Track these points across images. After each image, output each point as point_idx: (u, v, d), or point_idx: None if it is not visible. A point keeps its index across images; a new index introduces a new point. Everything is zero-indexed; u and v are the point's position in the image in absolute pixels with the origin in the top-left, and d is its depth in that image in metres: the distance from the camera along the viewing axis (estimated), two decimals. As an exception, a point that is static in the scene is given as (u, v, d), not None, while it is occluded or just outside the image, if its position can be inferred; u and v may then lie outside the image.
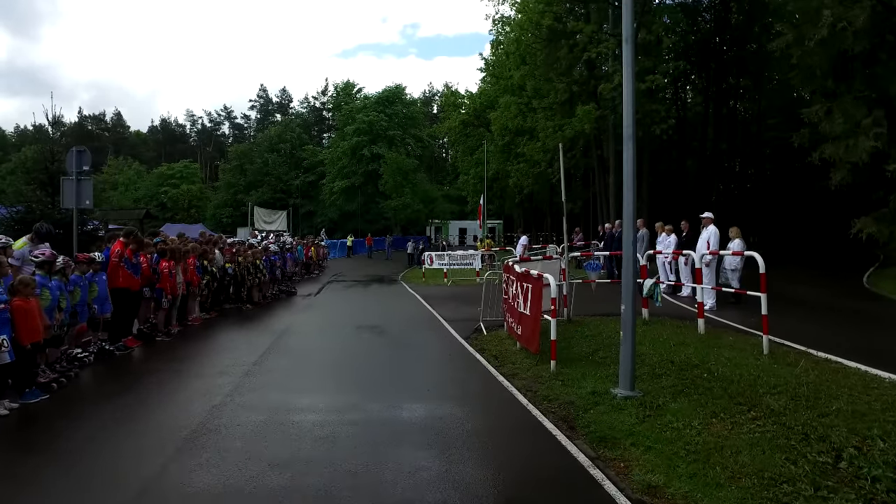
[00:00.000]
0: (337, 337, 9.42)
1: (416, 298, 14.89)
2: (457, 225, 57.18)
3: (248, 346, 8.42)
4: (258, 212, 27.58)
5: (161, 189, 75.10)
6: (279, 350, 8.20)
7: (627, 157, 5.74)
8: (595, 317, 10.41)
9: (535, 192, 35.54)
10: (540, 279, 6.91)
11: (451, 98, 42.91)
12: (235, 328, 10.49)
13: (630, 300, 5.75)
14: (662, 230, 13.37)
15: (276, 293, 15.46)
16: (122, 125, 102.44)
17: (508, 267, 8.64)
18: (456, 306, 12.93)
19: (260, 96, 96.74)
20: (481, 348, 8.27)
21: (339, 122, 66.97)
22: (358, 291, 17.79)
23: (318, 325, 10.77)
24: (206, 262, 11.16)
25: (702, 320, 8.17)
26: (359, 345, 8.71)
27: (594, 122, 20.49)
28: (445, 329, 9.95)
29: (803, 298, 12.60)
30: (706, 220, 10.72)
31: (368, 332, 9.93)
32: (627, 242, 5.80)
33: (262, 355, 7.73)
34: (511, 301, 8.40)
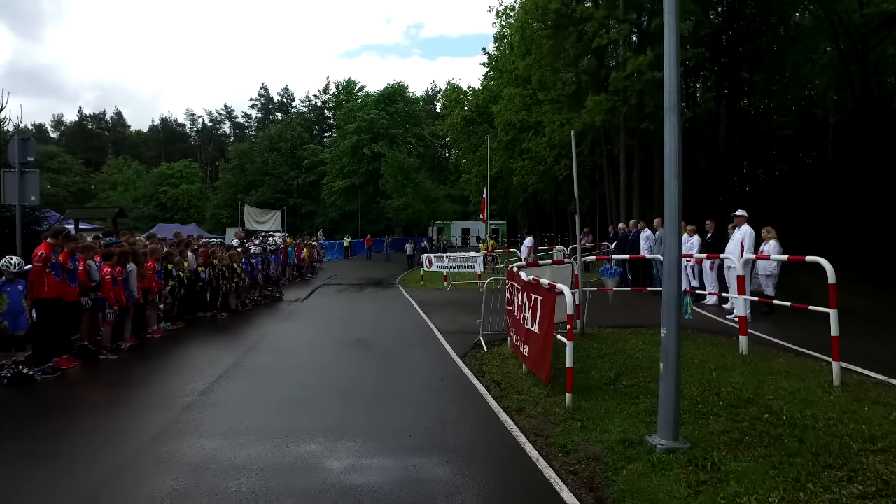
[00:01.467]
0: (313, 355, 8.10)
1: (411, 305, 13.58)
2: (459, 225, 55.92)
3: (205, 367, 7.12)
4: (249, 211, 26.31)
5: (160, 189, 74.16)
6: (239, 372, 6.89)
7: (671, 133, 4.38)
8: (612, 329, 9.12)
9: (539, 192, 34.17)
10: (552, 290, 5.60)
11: (453, 94, 41.52)
12: (199, 342, 9.20)
13: (673, 322, 4.45)
14: (684, 230, 12.01)
15: (258, 299, 14.19)
16: (123, 124, 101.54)
17: (513, 274, 7.32)
18: (454, 315, 11.64)
19: (261, 95, 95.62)
20: (480, 370, 6.96)
21: (340, 121, 65.78)
22: (349, 297, 16.49)
23: (294, 339, 9.47)
24: (171, 266, 9.87)
25: (744, 338, 6.83)
26: (336, 366, 7.39)
27: (605, 113, 19.13)
28: (440, 344, 8.64)
29: (851, 308, 11.18)
30: (739, 218, 9.35)
31: (351, 348, 8.62)
32: (672, 245, 4.44)
33: (216, 381, 6.43)
34: (516, 314, 7.09)
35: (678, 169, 4.34)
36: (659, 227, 13.19)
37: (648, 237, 13.52)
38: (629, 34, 19.33)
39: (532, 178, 27.62)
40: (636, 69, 17.58)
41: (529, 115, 26.02)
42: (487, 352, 8.03)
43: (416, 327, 10.32)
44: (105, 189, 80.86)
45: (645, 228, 13.73)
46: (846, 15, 33.06)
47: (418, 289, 17.95)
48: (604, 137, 24.07)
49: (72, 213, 15.46)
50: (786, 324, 8.73)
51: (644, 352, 7.37)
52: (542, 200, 40.84)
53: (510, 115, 27.35)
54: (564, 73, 21.11)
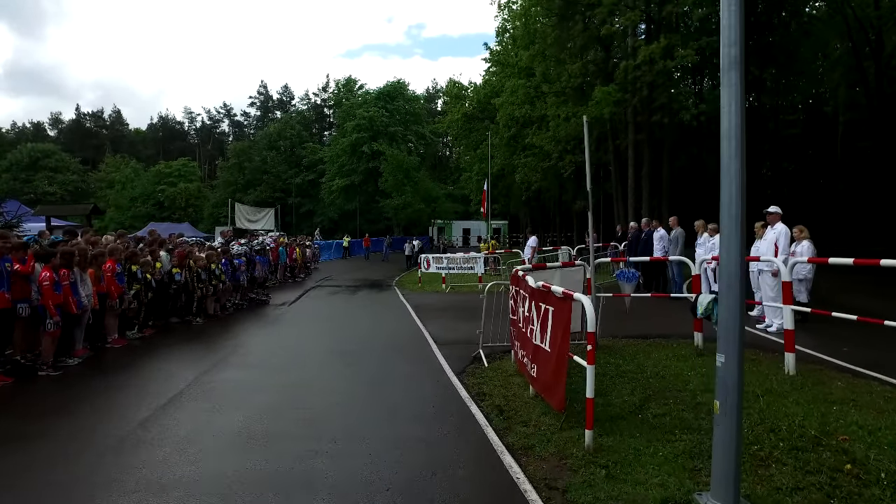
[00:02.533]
0: (287, 371, 7.05)
1: (406, 310, 12.54)
2: (460, 225, 54.88)
3: (157, 387, 6.11)
4: (240, 209, 25.24)
5: (158, 188, 73.27)
6: (195, 394, 5.87)
7: (732, 98, 3.34)
8: (628, 340, 8.09)
9: (543, 190, 33.09)
10: (567, 300, 4.57)
11: (454, 89, 40.43)
12: (163, 353, 8.15)
13: (734, 349, 3.39)
14: (704, 229, 10.98)
15: (241, 303, 13.18)
16: (121, 122, 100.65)
17: (518, 278, 6.29)
18: (452, 322, 10.61)
19: (260, 93, 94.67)
20: (480, 392, 5.93)
21: (339, 119, 64.80)
22: (341, 300, 15.45)
23: (271, 350, 8.43)
24: (136, 267, 8.85)
25: (791, 355, 5.77)
26: (310, 386, 6.35)
27: (613, 105, 18.05)
28: (435, 358, 7.60)
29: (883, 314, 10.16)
30: (772, 216, 8.28)
31: (332, 362, 7.60)
32: (734, 246, 3.40)
33: (165, 405, 5.41)
34: (521, 325, 6.05)
35: (740, 147, 3.31)
36: (674, 226, 12.18)
37: (662, 237, 12.48)
38: (639, 21, 18.23)
39: (535, 175, 26.52)
40: (647, 57, 16.52)
41: (533, 109, 24.93)
42: (488, 367, 7.01)
43: (409, 337, 9.28)
44: (102, 188, 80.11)
45: (658, 228, 12.69)
46: (860, 9, 32.06)
47: (415, 291, 16.93)
48: (610, 133, 23.00)
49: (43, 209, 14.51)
50: (825, 334, 7.69)
51: (670, 369, 6.34)
52: (544, 199, 39.78)
53: (513, 109, 26.23)
54: (570, 64, 20.03)
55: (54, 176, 74.85)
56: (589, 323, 4.10)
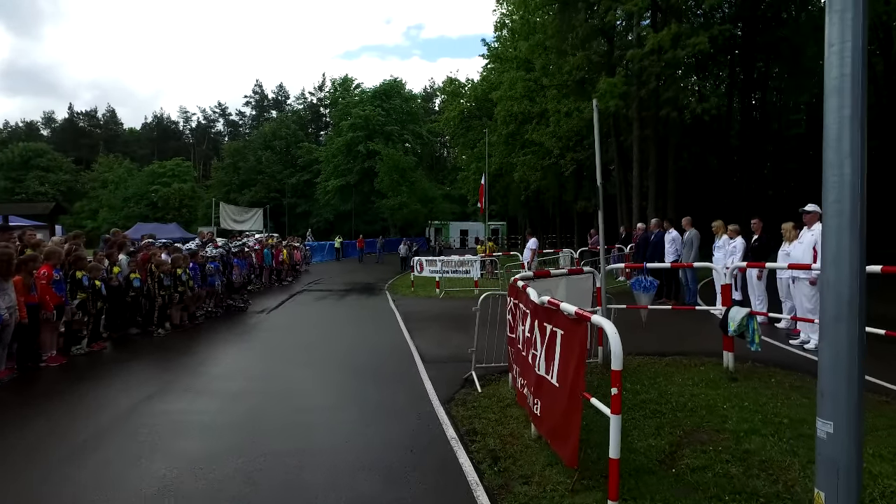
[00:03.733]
0: (241, 398, 5.93)
1: (394, 319, 11.46)
2: (458, 226, 53.80)
3: (72, 424, 5.03)
4: (226, 209, 24.08)
5: (151, 188, 72.17)
6: (111, 438, 4.76)
7: (848, 32, 2.25)
8: (643, 357, 7.03)
9: (542, 189, 32.03)
10: (583, 322, 3.50)
11: (450, 86, 39.32)
12: (105, 374, 7.05)
13: (851, 412, 2.29)
14: (722, 231, 9.92)
15: (215, 310, 12.09)
16: (116, 122, 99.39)
17: (517, 290, 5.21)
18: (443, 333, 9.55)
19: (256, 92, 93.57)
20: (471, 429, 4.85)
21: (335, 118, 63.74)
22: (326, 307, 14.36)
23: (231, 370, 7.33)
24: (81, 273, 7.76)
25: (857, 387, 4.70)
26: (261, 422, 5.23)
27: (619, 98, 16.98)
28: (419, 380, 6.52)
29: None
30: (810, 215, 7.19)
31: (297, 387, 6.52)
32: (850, 259, 2.33)
33: (66, 458, 4.32)
34: (521, 346, 4.98)
35: (859, 108, 2.23)
36: (688, 227, 11.12)
37: (674, 239, 11.43)
38: (646, 8, 17.14)
39: (534, 173, 25.43)
40: (656, 46, 15.45)
41: (532, 105, 23.84)
42: (481, 393, 5.94)
43: (393, 352, 8.19)
44: (95, 188, 78.99)
45: (670, 229, 11.62)
46: (871, 5, 31.05)
47: (407, 296, 15.85)
48: (614, 130, 21.95)
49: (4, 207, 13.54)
50: (886, 355, 6.61)
51: (700, 399, 5.26)
52: (544, 199, 38.74)
53: (511, 104, 25.12)
54: (571, 55, 18.96)
55: (46, 175, 73.79)
56: (614, 358, 3.03)
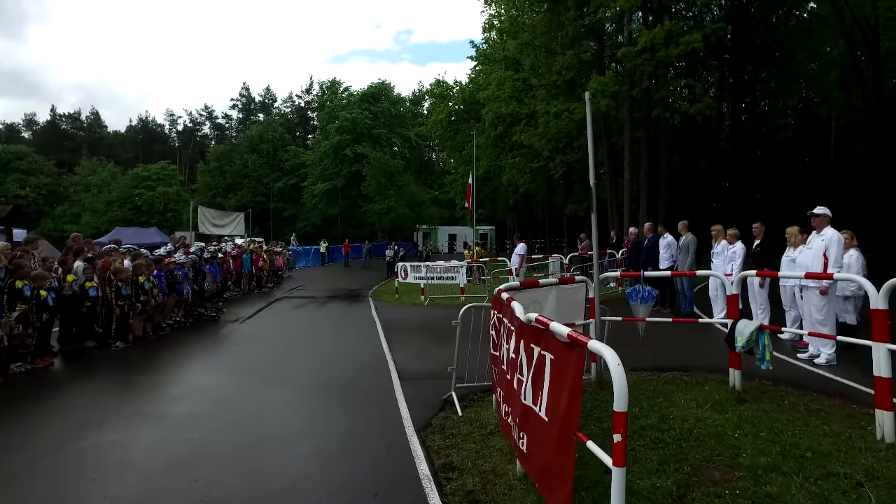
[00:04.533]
0: (189, 425, 5.26)
1: (374, 329, 10.83)
2: (446, 231, 53.19)
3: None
4: (204, 213, 23.21)
5: (136, 191, 70.92)
6: (27, 476, 4.10)
7: None
8: (640, 373, 6.48)
9: (531, 193, 31.48)
10: (577, 347, 2.88)
11: (438, 89, 38.73)
12: (39, 396, 6.33)
13: None
14: (721, 236, 9.38)
15: (185, 320, 11.38)
16: (100, 125, 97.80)
17: (501, 303, 4.59)
18: (426, 345, 8.94)
19: (242, 95, 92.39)
20: (447, 463, 4.23)
21: (322, 121, 63.02)
22: (304, 315, 13.67)
23: (187, 390, 6.63)
24: (22, 283, 7.04)
25: (889, 414, 4.09)
26: (214, 453, 4.60)
27: (610, 98, 16.46)
28: (394, 401, 5.89)
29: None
30: (820, 219, 6.64)
31: (260, 409, 5.86)
32: None
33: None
34: (505, 368, 4.35)
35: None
36: (685, 231, 10.58)
37: (670, 244, 10.88)
38: (638, 7, 16.64)
39: (523, 176, 24.86)
40: (649, 43, 14.96)
41: (521, 106, 23.28)
42: (462, 417, 5.32)
43: (369, 368, 7.54)
44: (78, 191, 77.58)
45: (665, 234, 11.08)
46: (857, 9, 31.02)
47: (391, 304, 15.22)
48: (605, 132, 21.46)
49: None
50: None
51: (706, 425, 4.66)
52: (533, 203, 38.22)
53: (499, 105, 24.53)
54: (561, 55, 18.42)
55: (27, 178, 72.42)
56: (617, 396, 2.41)
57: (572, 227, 31.92)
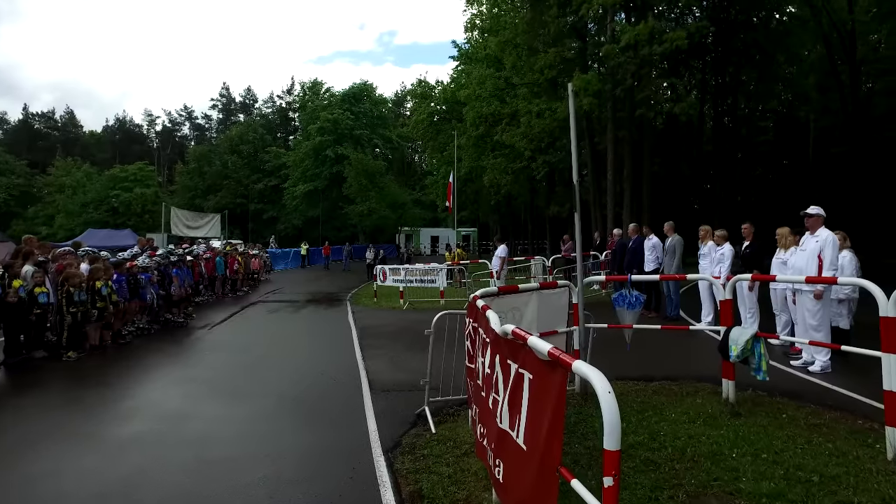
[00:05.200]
0: (131, 450, 4.71)
1: (349, 335, 10.34)
2: (429, 232, 52.72)
3: None
4: (178, 214, 22.41)
5: (112, 193, 69.32)
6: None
7: None
8: (627, 383, 6.11)
9: (513, 195, 31.19)
10: (559, 367, 2.45)
11: (419, 89, 38.26)
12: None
13: None
14: (709, 237, 9.07)
15: (149, 327, 10.79)
16: (75, 124, 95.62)
17: (476, 311, 4.16)
18: (402, 353, 8.48)
19: (223, 95, 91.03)
20: (416, 491, 3.80)
21: (303, 122, 62.21)
22: (278, 320, 13.13)
23: (142, 405, 6.10)
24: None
25: None
26: (149, 483, 4.09)
27: (594, 96, 16.15)
28: (362, 417, 5.43)
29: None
30: (814, 219, 6.32)
31: (218, 427, 5.35)
32: None
33: None
34: (480, 383, 3.91)
35: None
36: (670, 233, 10.26)
37: (655, 246, 10.56)
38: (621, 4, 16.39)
39: (505, 177, 24.51)
40: (632, 40, 14.68)
41: (503, 106, 22.91)
42: (435, 434, 4.88)
43: (340, 378, 7.07)
44: (52, 192, 75.61)
45: (651, 235, 10.75)
46: (835, 13, 31.33)
47: (369, 308, 14.73)
48: (588, 133, 21.19)
49: None
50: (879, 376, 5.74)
51: (700, 443, 4.28)
52: (515, 205, 37.98)
53: (481, 105, 24.13)
54: (543, 51, 18.08)
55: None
56: (608, 433, 1.98)
57: (555, 228, 31.70)
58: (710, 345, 7.48)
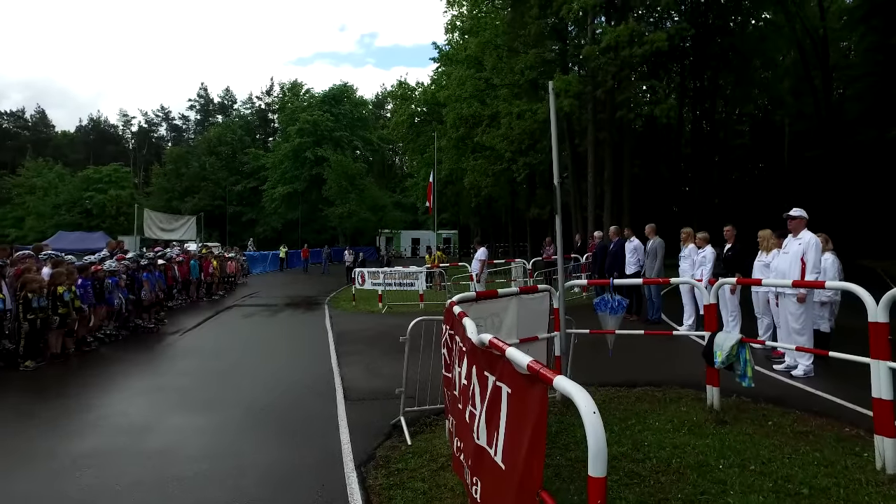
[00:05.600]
0: (78, 470, 4.40)
1: (325, 340, 10.06)
2: (409, 235, 52.46)
3: None
4: (151, 217, 21.76)
5: (86, 194, 67.72)
6: None
7: None
8: (609, 389, 5.96)
9: (494, 197, 31.07)
10: (538, 383, 2.25)
11: (400, 90, 38.00)
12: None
13: None
14: (690, 240, 8.99)
15: (116, 333, 10.39)
16: (46, 124, 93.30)
17: (453, 317, 3.95)
18: (378, 359, 8.23)
19: (200, 96, 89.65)
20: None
21: (282, 123, 61.51)
22: (253, 325, 12.79)
23: (100, 417, 5.76)
24: None
25: (891, 442, 3.60)
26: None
27: (575, 98, 16.07)
28: (335, 427, 5.18)
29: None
30: (796, 221, 6.24)
31: (181, 440, 5.06)
32: None
33: None
34: (457, 394, 3.70)
35: None
36: (651, 235, 10.18)
37: (636, 248, 10.48)
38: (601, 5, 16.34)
39: (486, 179, 24.37)
40: (613, 42, 14.64)
41: (483, 107, 22.78)
42: (411, 446, 4.67)
43: (314, 386, 6.80)
44: (21, 193, 73.60)
45: (632, 237, 10.67)
46: (808, 20, 31.97)
47: (348, 311, 14.46)
48: (568, 134, 21.15)
49: None
50: (862, 380, 5.67)
51: (685, 453, 4.12)
52: (496, 207, 37.90)
53: (461, 106, 23.96)
54: (524, 52, 17.96)
55: (-40, 180, 68.42)
56: (593, 458, 1.78)
57: (536, 231, 31.69)
58: (693, 348, 7.37)
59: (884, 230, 31.64)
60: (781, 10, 29.05)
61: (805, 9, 31.48)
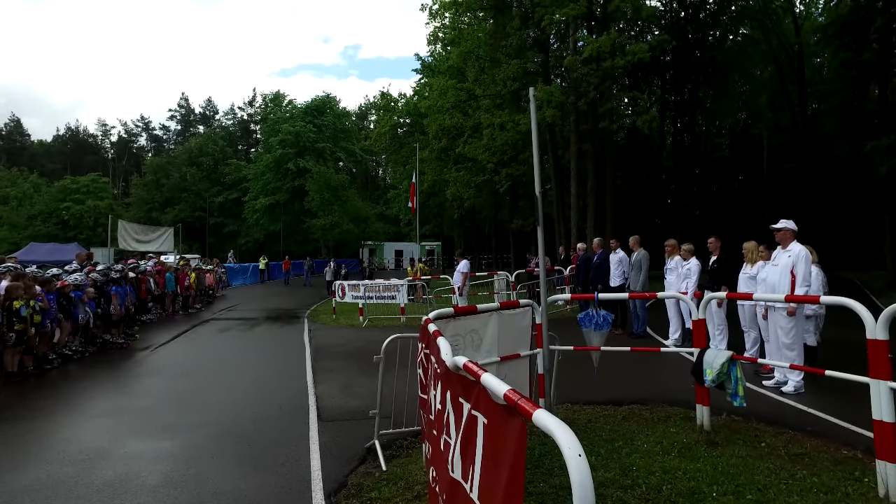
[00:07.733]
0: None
1: (302, 357, 9.71)
2: (392, 247, 52.09)
3: None
4: (125, 228, 21.14)
5: (63, 205, 66.32)
6: None
7: None
8: (594, 407, 5.72)
9: (477, 208, 30.94)
10: (517, 416, 1.99)
11: (382, 101, 37.84)
12: None
13: None
14: (676, 252, 8.84)
15: (82, 349, 9.93)
16: (21, 133, 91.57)
17: (428, 337, 3.68)
18: (356, 376, 7.91)
19: (181, 106, 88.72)
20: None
21: (264, 134, 61.00)
22: (229, 340, 12.36)
23: (53, 443, 5.36)
24: None
25: (894, 467, 3.39)
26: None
27: (557, 108, 15.97)
28: (305, 452, 4.86)
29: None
30: (784, 233, 6.08)
31: (138, 468, 4.71)
32: None
33: None
34: (432, 418, 3.42)
35: None
36: (636, 247, 10.02)
37: (622, 260, 10.31)
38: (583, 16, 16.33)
39: (468, 190, 24.22)
40: (595, 52, 14.60)
41: (465, 119, 22.67)
42: (385, 472, 4.36)
43: (286, 406, 6.46)
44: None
45: (618, 249, 10.50)
46: (784, 36, 32.65)
47: (327, 325, 14.11)
48: (551, 145, 21.09)
49: None
50: (852, 396, 5.48)
51: (676, 478, 3.88)
52: (479, 219, 37.76)
53: (443, 118, 23.82)
54: (506, 63, 17.87)
55: (-69, 190, 66.70)
56: (578, 496, 1.53)
57: (519, 242, 31.60)
58: (680, 363, 7.19)
59: (860, 242, 32.14)
60: (758, 26, 29.58)
61: (781, 25, 32.13)
